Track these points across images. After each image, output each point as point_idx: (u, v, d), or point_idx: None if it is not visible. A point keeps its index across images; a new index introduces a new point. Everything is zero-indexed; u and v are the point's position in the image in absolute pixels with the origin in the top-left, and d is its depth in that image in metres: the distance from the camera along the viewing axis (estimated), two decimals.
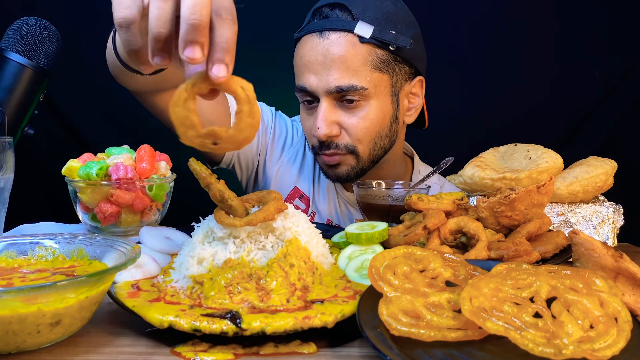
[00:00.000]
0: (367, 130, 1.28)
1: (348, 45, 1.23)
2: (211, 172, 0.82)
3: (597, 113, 2.29)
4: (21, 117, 1.14)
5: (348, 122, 1.27)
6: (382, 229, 0.90)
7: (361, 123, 1.27)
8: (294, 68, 1.34)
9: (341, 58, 1.23)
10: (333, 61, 1.23)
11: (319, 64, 1.24)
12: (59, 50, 1.17)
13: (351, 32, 1.23)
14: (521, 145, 1.24)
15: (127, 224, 1.09)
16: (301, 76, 1.29)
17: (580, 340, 0.56)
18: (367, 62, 1.24)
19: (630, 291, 0.72)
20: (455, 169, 1.23)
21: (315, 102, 1.29)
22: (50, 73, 1.15)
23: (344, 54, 1.23)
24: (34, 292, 0.60)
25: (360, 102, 1.26)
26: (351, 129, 1.28)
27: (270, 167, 1.55)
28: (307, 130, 1.36)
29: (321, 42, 1.24)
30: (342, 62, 1.23)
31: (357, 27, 1.22)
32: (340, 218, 1.52)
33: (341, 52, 1.23)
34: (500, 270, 0.69)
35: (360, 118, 1.27)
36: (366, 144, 1.30)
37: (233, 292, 0.71)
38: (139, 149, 1.12)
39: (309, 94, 1.29)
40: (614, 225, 1.13)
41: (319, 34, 1.25)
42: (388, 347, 0.57)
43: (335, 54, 1.23)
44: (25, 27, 1.12)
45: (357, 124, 1.27)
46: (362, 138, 1.29)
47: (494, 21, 2.25)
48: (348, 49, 1.23)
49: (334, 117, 1.27)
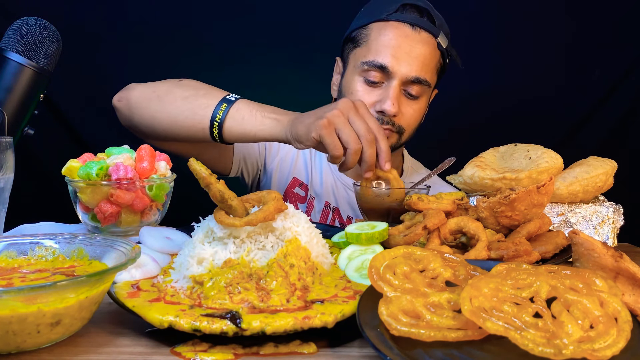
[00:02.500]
0: (415, 121, 1.47)
1: (432, 47, 1.42)
2: (211, 172, 0.82)
3: (597, 113, 2.29)
4: (21, 117, 1.14)
5: (407, 108, 1.43)
6: (382, 229, 0.90)
7: (415, 114, 1.45)
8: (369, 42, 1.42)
9: (426, 55, 1.40)
10: (419, 54, 1.39)
11: (405, 52, 1.38)
12: (59, 50, 1.16)
13: (435, 37, 1.42)
14: (521, 145, 1.24)
15: (127, 224, 1.09)
16: (382, 54, 1.39)
17: (580, 340, 0.56)
18: (436, 66, 1.46)
19: (630, 291, 0.72)
20: (455, 169, 1.23)
21: (380, 83, 1.41)
22: (50, 73, 1.15)
23: (428, 53, 1.41)
24: (34, 292, 0.60)
25: (420, 96, 1.44)
26: (407, 116, 1.43)
27: (270, 162, 1.63)
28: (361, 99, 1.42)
29: (412, 35, 1.39)
30: (425, 58, 1.40)
31: (440, 36, 1.43)
32: (337, 200, 1.59)
33: (428, 50, 1.40)
34: (500, 270, 0.69)
35: (416, 109, 1.45)
36: (409, 131, 1.48)
37: (233, 292, 0.71)
38: (139, 149, 1.11)
39: (382, 72, 1.39)
40: (614, 225, 1.13)
41: (412, 26, 1.40)
42: (388, 347, 0.57)
43: (423, 50, 1.39)
44: (25, 27, 1.12)
45: (412, 113, 1.44)
46: (411, 125, 1.46)
47: (495, 21, 2.25)
48: (432, 50, 1.41)
49: (400, 100, 1.41)
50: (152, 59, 2.20)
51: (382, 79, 1.40)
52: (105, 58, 2.21)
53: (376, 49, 1.40)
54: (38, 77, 1.13)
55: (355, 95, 1.43)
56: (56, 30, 1.16)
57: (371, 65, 1.39)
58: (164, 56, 2.21)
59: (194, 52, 2.23)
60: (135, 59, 2.20)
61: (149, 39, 2.20)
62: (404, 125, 1.44)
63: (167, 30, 2.20)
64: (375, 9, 1.45)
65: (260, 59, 2.23)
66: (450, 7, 2.22)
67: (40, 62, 1.13)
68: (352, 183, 1.56)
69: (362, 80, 1.42)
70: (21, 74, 1.11)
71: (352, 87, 1.44)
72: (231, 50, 2.24)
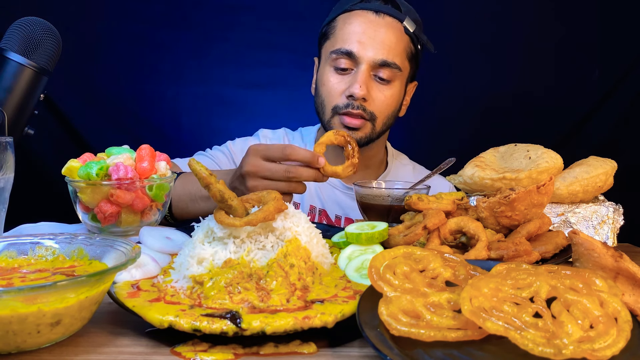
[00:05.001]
0: (388, 106, 1.47)
1: (397, 30, 1.44)
2: (211, 172, 0.82)
3: (597, 113, 2.29)
4: (21, 117, 1.14)
5: (378, 94, 1.45)
6: (382, 229, 0.90)
7: (387, 99, 1.46)
8: (336, 33, 1.47)
9: (392, 38, 1.43)
10: (384, 39, 1.42)
11: (370, 36, 1.41)
12: (59, 50, 1.16)
13: (401, 22, 1.45)
14: (521, 145, 1.24)
15: (127, 224, 1.08)
16: (347, 42, 1.43)
17: (580, 340, 0.56)
18: (405, 50, 1.47)
19: (630, 291, 0.72)
20: (455, 169, 1.23)
21: (349, 70, 1.44)
22: (50, 73, 1.15)
23: (394, 36, 1.43)
24: (34, 292, 0.60)
25: (391, 81, 1.45)
26: (378, 101, 1.45)
27: None
28: (335, 90, 1.46)
29: (376, 20, 1.43)
30: (390, 42, 1.42)
31: (406, 20, 1.45)
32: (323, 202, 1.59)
33: (393, 34, 1.43)
34: (500, 270, 0.69)
35: (388, 94, 1.46)
36: (382, 118, 1.48)
37: (233, 292, 0.71)
38: (139, 149, 1.11)
39: (349, 59, 1.42)
40: (614, 225, 1.13)
41: (376, 13, 1.44)
42: (388, 347, 0.57)
43: (388, 33, 1.43)
44: (25, 27, 1.12)
45: (384, 98, 1.45)
46: (383, 111, 1.47)
47: (495, 21, 2.25)
48: (397, 34, 1.44)
49: (369, 85, 1.43)
50: (152, 59, 2.21)
51: (351, 66, 1.43)
52: (105, 58, 2.21)
53: (342, 38, 1.44)
54: (38, 77, 1.13)
55: (326, 83, 1.47)
56: (56, 30, 1.16)
57: (339, 53, 1.43)
58: (164, 56, 2.22)
59: (194, 52, 2.23)
60: (135, 59, 2.20)
61: (149, 39, 2.20)
62: (375, 112, 1.45)
63: (167, 30, 2.20)
64: (342, 3, 1.50)
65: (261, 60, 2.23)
66: (452, 8, 2.22)
67: (40, 62, 1.13)
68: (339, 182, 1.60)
69: (332, 69, 1.46)
70: (21, 74, 1.11)
71: (323, 78, 1.48)
72: (232, 50, 2.24)
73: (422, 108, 2.13)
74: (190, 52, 2.22)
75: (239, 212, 0.82)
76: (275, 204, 0.82)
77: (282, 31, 2.21)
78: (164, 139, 2.19)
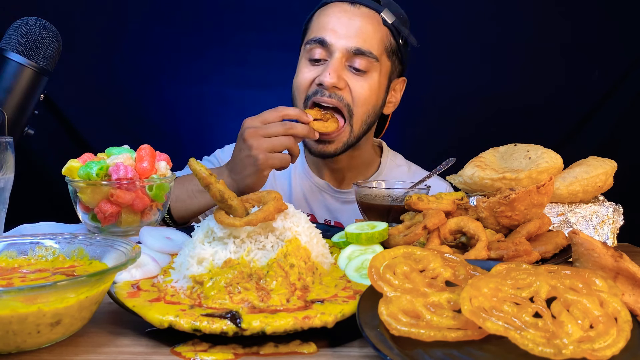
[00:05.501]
0: (368, 98, 1.40)
1: (374, 21, 1.39)
2: (210, 172, 0.82)
3: (597, 113, 2.29)
4: (21, 117, 1.14)
5: (355, 83, 1.38)
6: (382, 229, 0.90)
7: (363, 90, 1.39)
8: (312, 25, 1.44)
9: (366, 28, 1.38)
10: (359, 28, 1.37)
11: (344, 26, 1.37)
12: (59, 50, 1.16)
13: (378, 13, 1.40)
14: (521, 145, 1.24)
15: (127, 224, 1.08)
16: (322, 30, 1.39)
17: (580, 340, 0.56)
18: (382, 42, 1.41)
19: (630, 291, 0.72)
20: (455, 169, 1.23)
21: (323, 61, 1.39)
22: (50, 73, 1.15)
23: (369, 26, 1.38)
24: (34, 292, 0.60)
25: (368, 71, 1.38)
26: (354, 92, 1.38)
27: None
28: (305, 80, 1.41)
29: (352, 10, 1.39)
30: (366, 32, 1.37)
31: (384, 11, 1.40)
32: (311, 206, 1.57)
33: (369, 23, 1.38)
34: (500, 270, 0.69)
35: (364, 85, 1.39)
36: (361, 113, 1.40)
37: (233, 292, 0.71)
38: (139, 149, 1.11)
39: (322, 47, 1.38)
40: (613, 225, 1.13)
41: (351, 3, 1.40)
42: (388, 347, 0.57)
43: (362, 22, 1.38)
44: (25, 27, 1.12)
45: (360, 89, 1.38)
46: (362, 103, 1.39)
47: (496, 21, 2.25)
48: (373, 24, 1.39)
49: (342, 74, 1.37)
50: (153, 59, 2.21)
51: (325, 56, 1.39)
52: (105, 58, 2.21)
53: (317, 28, 1.41)
54: (38, 77, 1.13)
55: (298, 74, 1.43)
56: (56, 30, 1.16)
57: (312, 43, 1.39)
58: (164, 56, 2.22)
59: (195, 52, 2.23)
60: (136, 59, 2.20)
61: (150, 39, 2.20)
62: (351, 103, 1.38)
63: (167, 30, 2.20)
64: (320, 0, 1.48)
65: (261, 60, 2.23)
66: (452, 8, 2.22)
67: (40, 62, 1.13)
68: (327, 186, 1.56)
69: (307, 60, 1.42)
70: (21, 74, 1.11)
71: (297, 69, 1.45)
72: (232, 50, 2.24)
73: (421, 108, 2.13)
74: (190, 52, 2.22)
75: (239, 212, 0.82)
76: (275, 204, 0.82)
77: (283, 31, 2.21)
78: (164, 139, 2.19)
